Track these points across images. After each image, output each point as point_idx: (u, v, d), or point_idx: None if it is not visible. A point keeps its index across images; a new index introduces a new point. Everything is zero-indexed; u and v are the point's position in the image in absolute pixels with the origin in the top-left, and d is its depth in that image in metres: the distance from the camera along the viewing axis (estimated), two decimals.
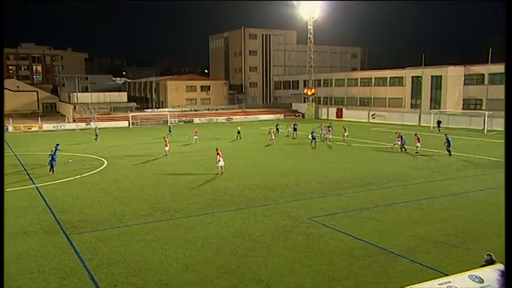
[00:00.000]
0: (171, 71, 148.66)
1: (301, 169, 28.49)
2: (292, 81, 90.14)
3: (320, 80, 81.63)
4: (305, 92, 78.57)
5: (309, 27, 75.45)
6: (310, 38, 75.98)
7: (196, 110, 78.96)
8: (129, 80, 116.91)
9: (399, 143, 36.34)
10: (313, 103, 78.04)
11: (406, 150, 35.80)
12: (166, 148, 34.25)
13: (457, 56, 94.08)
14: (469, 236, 15.52)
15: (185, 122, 69.48)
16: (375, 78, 72.42)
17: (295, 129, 49.33)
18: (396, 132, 38.64)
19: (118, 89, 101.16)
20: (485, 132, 48.66)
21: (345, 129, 44.08)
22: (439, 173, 26.80)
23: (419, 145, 35.24)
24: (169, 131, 50.70)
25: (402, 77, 67.70)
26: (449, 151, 33.46)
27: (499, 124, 51.78)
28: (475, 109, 58.59)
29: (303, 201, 20.39)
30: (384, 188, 22.91)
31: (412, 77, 65.21)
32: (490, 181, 24.50)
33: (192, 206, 19.74)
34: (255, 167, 29.50)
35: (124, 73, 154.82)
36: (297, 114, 78.66)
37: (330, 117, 74.99)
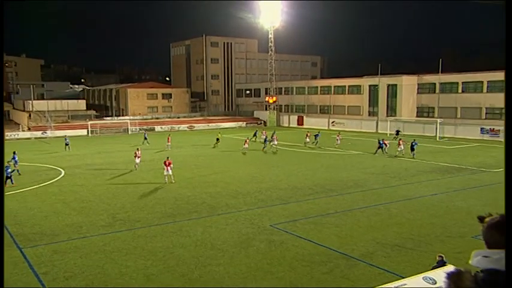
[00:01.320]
0: (132, 79, 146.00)
1: (263, 176, 28.63)
2: (254, 89, 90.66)
3: (281, 88, 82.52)
4: (267, 99, 79.16)
5: (269, 35, 76.28)
6: (271, 46, 76.80)
7: (157, 118, 77.85)
8: (87, 88, 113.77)
9: (397, 146, 39.11)
10: (275, 111, 78.74)
11: (386, 152, 38.51)
12: (137, 160, 31.21)
13: (411, 65, 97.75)
14: (424, 239, 16.08)
15: (146, 130, 68.27)
16: (334, 86, 73.98)
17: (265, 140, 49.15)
18: (382, 139, 41.13)
19: (76, 96, 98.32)
20: (437, 139, 50.68)
21: (307, 135, 45.10)
22: (395, 179, 27.65)
23: (402, 148, 37.86)
24: (145, 138, 48.69)
25: (360, 86, 69.53)
26: (413, 154, 36.37)
27: (450, 131, 54.22)
28: (428, 117, 60.91)
29: (265, 209, 20.48)
30: (344, 194, 23.38)
31: (370, 86, 67.07)
32: (442, 186, 25.52)
33: (153, 216, 19.39)
34: (217, 173, 29.39)
35: (82, 80, 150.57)
36: (259, 122, 79.09)
37: (291, 125, 75.88)
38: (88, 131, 63.50)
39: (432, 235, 16.49)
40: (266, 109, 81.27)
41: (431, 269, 10.59)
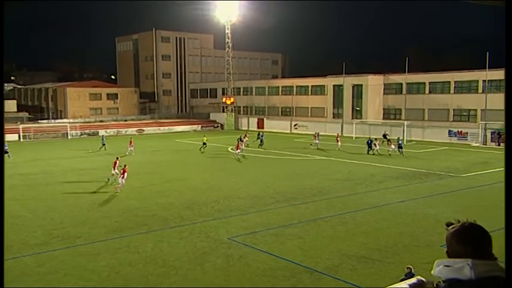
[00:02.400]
0: (72, 77, 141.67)
1: (221, 184, 28.57)
2: (210, 89, 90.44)
3: (239, 88, 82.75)
4: (224, 100, 79.15)
5: (226, 31, 76.39)
6: (228, 42, 76.91)
7: (101, 121, 75.91)
8: (19, 86, 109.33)
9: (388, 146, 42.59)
10: (233, 113, 78.84)
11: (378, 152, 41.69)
12: (114, 171, 29.06)
13: (377, 64, 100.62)
14: (391, 249, 16.53)
15: (89, 134, 66.45)
16: (297, 86, 75.00)
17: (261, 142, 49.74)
18: (375, 139, 43.80)
19: (5, 96, 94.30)
20: (404, 142, 52.25)
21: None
22: (361, 185, 28.31)
23: (393, 147, 41.89)
24: (103, 144, 47.16)
25: (324, 86, 70.83)
26: (401, 151, 40.88)
27: (417, 134, 56.18)
28: (394, 119, 62.86)
29: (222, 220, 20.41)
30: (307, 203, 23.68)
31: (334, 86, 68.46)
32: (409, 192, 26.38)
33: (96, 231, 18.87)
34: (170, 182, 29.04)
35: (13, 78, 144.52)
36: (216, 125, 78.91)
37: (250, 128, 76.18)
38: (20, 135, 60.98)
39: (400, 245, 16.98)
40: (223, 111, 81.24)
41: (400, 281, 10.86)
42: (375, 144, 42.63)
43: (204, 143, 46.89)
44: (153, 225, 19.72)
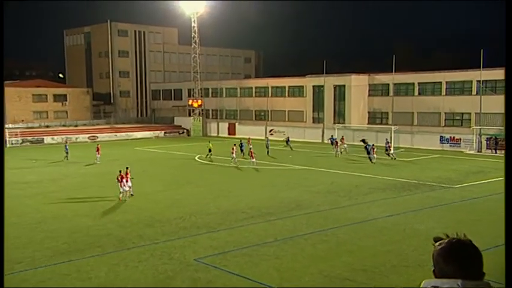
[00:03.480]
0: (12, 75, 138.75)
1: (187, 198, 28.42)
2: (174, 90, 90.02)
3: (208, 89, 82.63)
4: (190, 103, 78.92)
5: (192, 24, 76.31)
6: (194, 37, 76.84)
7: (47, 126, 74.46)
8: None
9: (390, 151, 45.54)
10: (200, 117, 78.66)
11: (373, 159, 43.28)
12: (125, 187, 28.20)
13: (361, 63, 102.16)
14: (378, 269, 16.69)
15: (32, 142, 64.99)
16: (272, 87, 75.41)
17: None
18: (372, 144, 45.49)
19: None
20: (391, 150, 53.10)
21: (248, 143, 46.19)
22: (345, 198, 28.58)
23: (392, 151, 44.84)
24: (66, 153, 46.35)
25: (302, 87, 71.43)
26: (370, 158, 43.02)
27: (406, 140, 57.09)
28: (381, 123, 63.83)
29: (188, 239, 20.26)
30: (285, 218, 23.74)
31: (314, 87, 69.13)
32: (397, 205, 26.76)
33: (40, 254, 18.42)
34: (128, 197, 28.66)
35: None
36: (181, 131, 78.53)
37: (220, 134, 76.12)
38: None
39: (388, 265, 17.16)
40: (189, 115, 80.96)
41: None
42: (373, 150, 43.31)
43: (210, 150, 47.50)
44: (108, 246, 19.39)
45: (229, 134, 75.32)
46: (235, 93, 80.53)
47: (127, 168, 29.46)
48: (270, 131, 71.02)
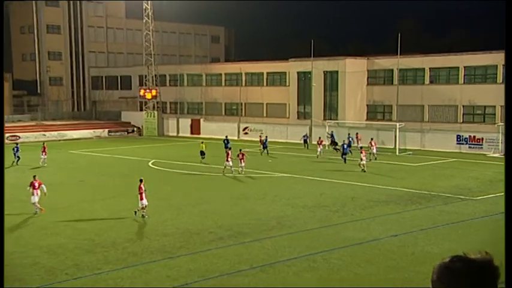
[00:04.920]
0: None
1: (151, 214, 28.07)
2: (121, 76, 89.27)
3: (165, 76, 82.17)
4: (141, 94, 78.36)
5: None
6: (146, 9, 76.38)
7: None
8: None
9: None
10: (155, 112, 78.14)
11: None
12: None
13: (358, 44, 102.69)
14: None
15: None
16: (246, 74, 75.37)
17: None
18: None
19: None
20: (396, 153, 53.52)
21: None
22: (338, 213, 28.63)
23: (374, 151, 46.92)
24: (15, 157, 46.62)
25: (285, 73, 71.52)
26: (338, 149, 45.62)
27: (414, 140, 57.36)
28: (383, 119, 64.25)
29: (139, 268, 20.10)
30: (263, 239, 23.67)
31: (299, 73, 69.22)
32: (404, 222, 26.91)
33: None
34: (61, 213, 28.27)
35: None
36: (130, 130, 77.89)
37: (181, 133, 75.72)
38: None
39: None
40: (141, 109, 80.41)
41: None
42: (362, 153, 42.93)
43: (202, 152, 48.09)
44: (33, 279, 19.10)
45: (192, 133, 74.90)
46: (199, 81, 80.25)
47: (34, 176, 29.45)
48: (245, 129, 70.88)
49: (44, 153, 46.56)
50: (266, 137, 55.43)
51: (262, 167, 44.66)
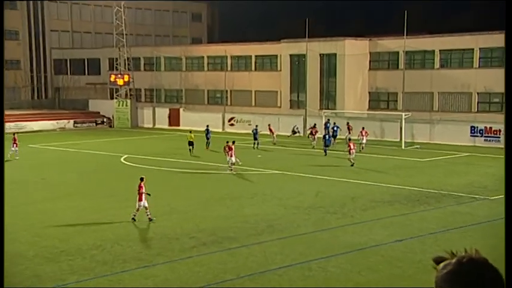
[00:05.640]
0: None
1: (108, 218, 28.09)
2: (88, 59, 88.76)
3: (139, 59, 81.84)
4: (112, 79, 78.01)
5: None
6: None
7: None
8: None
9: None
10: (128, 100, 77.84)
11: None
12: (141, 204, 27.90)
13: (359, 24, 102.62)
14: None
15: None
16: (232, 57, 75.18)
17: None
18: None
19: None
20: (402, 146, 53.69)
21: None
22: (336, 215, 28.67)
23: (364, 141, 48.75)
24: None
25: (276, 56, 71.43)
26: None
27: (423, 132, 57.54)
28: (387, 109, 64.36)
29: (110, 278, 20.08)
30: (251, 245, 23.67)
31: (291, 56, 69.15)
32: (411, 226, 26.97)
33: None
34: (17, 217, 28.08)
35: None
36: (99, 121, 77.60)
37: (158, 125, 75.47)
38: None
39: None
40: (112, 97, 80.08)
41: None
42: (350, 147, 43.16)
43: (191, 143, 48.92)
44: None
45: (170, 124, 74.75)
46: (179, 65, 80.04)
47: None
48: (230, 119, 70.80)
49: (14, 145, 46.95)
50: (256, 127, 55.24)
51: (250, 163, 44.63)
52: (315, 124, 57.33)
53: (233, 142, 42.55)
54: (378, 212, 29.34)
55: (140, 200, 27.64)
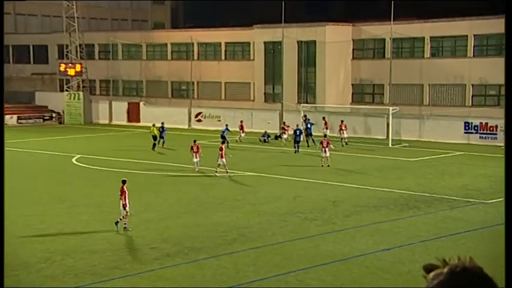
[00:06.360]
0: None
1: (57, 226, 27.98)
2: (34, 46, 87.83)
3: (92, 46, 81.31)
4: (62, 69, 77.38)
5: None
6: None
7: None
8: None
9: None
10: (81, 93, 77.25)
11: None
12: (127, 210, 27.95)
13: (340, 7, 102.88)
14: None
15: None
16: (199, 44, 74.90)
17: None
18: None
19: None
20: (389, 144, 53.93)
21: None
22: (316, 221, 28.75)
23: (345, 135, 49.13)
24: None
25: (248, 44, 71.32)
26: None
27: (412, 129, 57.79)
28: (372, 103, 64.57)
29: None
30: (221, 256, 23.63)
31: (266, 44, 69.06)
32: (399, 233, 27.14)
33: None
34: None
35: None
36: (47, 116, 76.95)
37: (115, 121, 75.01)
38: None
39: None
40: (62, 89, 79.42)
41: None
42: (323, 145, 43.33)
43: (155, 137, 49.35)
44: None
45: (129, 120, 74.39)
46: (138, 53, 79.74)
47: None
48: (197, 115, 70.60)
49: None
50: (226, 126, 55.11)
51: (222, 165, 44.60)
52: (284, 122, 57.96)
53: (223, 142, 43.57)
54: (363, 218, 29.44)
55: (126, 205, 27.49)
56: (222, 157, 40.72)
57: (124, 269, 22.38)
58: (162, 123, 54.59)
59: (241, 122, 58.72)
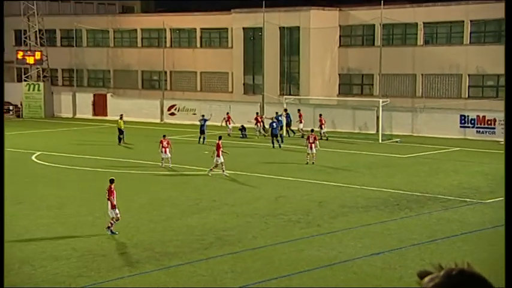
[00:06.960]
0: None
1: (14, 229, 27.57)
2: None
3: (54, 32, 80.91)
4: (20, 57, 76.90)
5: None
6: None
7: None
8: None
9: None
10: (41, 83, 76.83)
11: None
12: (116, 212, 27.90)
13: None
14: None
15: None
16: (173, 30, 74.77)
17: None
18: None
19: None
20: (379, 140, 54.06)
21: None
22: (299, 224, 28.77)
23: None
24: None
25: (226, 30, 71.30)
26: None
27: (404, 123, 57.91)
28: (361, 94, 64.71)
29: None
30: (196, 262, 23.63)
31: (245, 30, 69.01)
32: (389, 236, 27.24)
33: None
34: None
35: None
36: (4, 109, 76.43)
37: (79, 115, 74.67)
38: None
39: None
40: (20, 79, 79.02)
41: None
42: (310, 142, 43.20)
43: (121, 131, 50.00)
44: None
45: (95, 113, 74.09)
46: (105, 40, 79.49)
47: None
48: (170, 108, 70.45)
49: None
50: (203, 116, 55.04)
51: (195, 162, 44.57)
52: (257, 112, 58.80)
53: (219, 138, 43.03)
54: (350, 220, 29.52)
55: (113, 207, 27.46)
56: (218, 156, 40.34)
57: (89, 277, 22.29)
58: (203, 115, 55.26)
59: (228, 113, 58.81)
